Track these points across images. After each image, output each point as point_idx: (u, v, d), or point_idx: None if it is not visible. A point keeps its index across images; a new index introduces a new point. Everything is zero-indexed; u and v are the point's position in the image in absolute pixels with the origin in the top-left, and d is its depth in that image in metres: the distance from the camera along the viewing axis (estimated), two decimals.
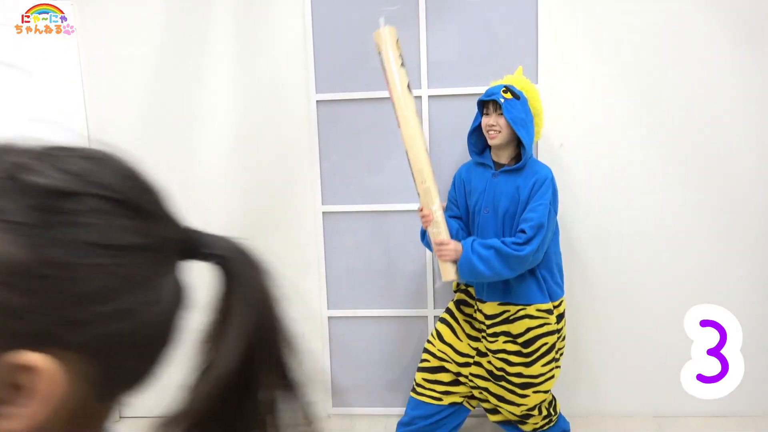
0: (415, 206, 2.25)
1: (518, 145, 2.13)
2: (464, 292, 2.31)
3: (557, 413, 2.31)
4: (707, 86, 2.43)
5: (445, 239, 2.04)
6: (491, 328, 2.16)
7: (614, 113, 2.48)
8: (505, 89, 2.06)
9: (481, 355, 2.24)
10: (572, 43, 2.46)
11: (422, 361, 2.33)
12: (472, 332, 2.27)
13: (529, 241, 1.99)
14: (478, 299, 2.21)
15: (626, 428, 2.57)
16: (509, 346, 2.12)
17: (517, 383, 2.13)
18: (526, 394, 2.14)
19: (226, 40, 2.61)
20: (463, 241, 2.06)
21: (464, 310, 2.31)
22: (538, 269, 2.11)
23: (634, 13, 2.42)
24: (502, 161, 2.17)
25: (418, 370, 2.33)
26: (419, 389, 2.30)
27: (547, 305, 2.12)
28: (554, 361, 2.15)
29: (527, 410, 2.19)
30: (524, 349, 2.10)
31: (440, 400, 2.28)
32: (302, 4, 2.53)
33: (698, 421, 2.57)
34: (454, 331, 2.29)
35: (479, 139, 2.20)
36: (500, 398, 2.20)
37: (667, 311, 2.50)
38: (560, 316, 2.18)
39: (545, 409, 2.24)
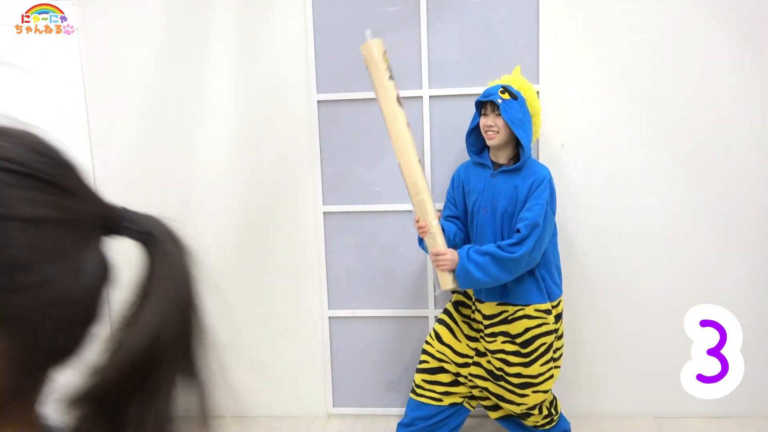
0: None
1: (517, 145, 2.13)
2: (462, 293, 2.31)
3: (558, 413, 2.31)
4: (707, 86, 2.43)
5: (441, 249, 2.04)
6: (489, 328, 2.16)
7: (614, 113, 2.48)
8: (502, 89, 2.06)
9: (480, 355, 2.24)
10: (573, 43, 2.46)
11: (421, 362, 2.33)
12: (470, 333, 2.27)
13: (523, 240, 1.99)
14: (476, 299, 2.21)
15: (626, 429, 2.57)
16: (508, 346, 2.13)
17: (516, 383, 2.14)
18: (525, 393, 2.14)
19: (226, 40, 2.61)
20: (459, 249, 2.06)
21: (462, 311, 2.31)
22: (536, 269, 2.11)
23: (634, 13, 2.42)
24: (500, 161, 2.16)
25: (417, 371, 2.33)
26: (419, 390, 2.30)
27: (545, 305, 2.12)
28: (553, 360, 2.15)
29: (527, 409, 2.20)
30: (522, 349, 2.11)
31: (440, 401, 2.28)
32: (303, 4, 2.53)
33: (698, 421, 2.57)
34: (452, 331, 2.29)
35: (478, 139, 2.19)
36: (500, 398, 2.21)
37: (667, 312, 2.50)
38: (558, 316, 2.18)
39: (546, 408, 2.24)
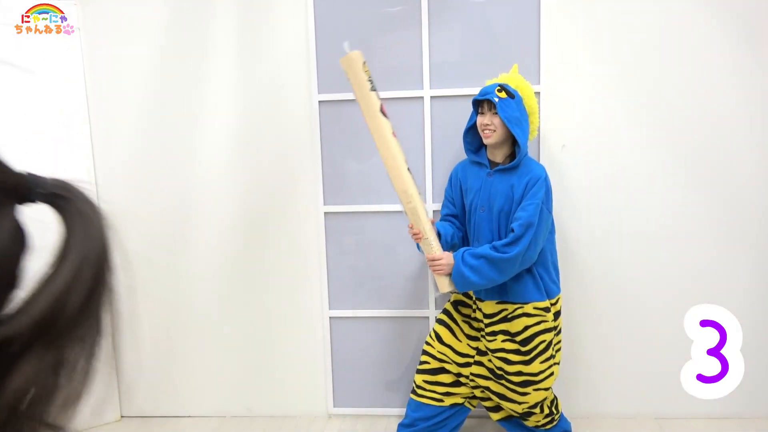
0: None
1: (513, 143, 2.14)
2: (462, 293, 2.31)
3: (559, 412, 2.31)
4: (707, 86, 2.44)
5: (437, 254, 2.05)
6: (489, 326, 2.16)
7: (615, 113, 2.48)
8: (499, 88, 2.06)
9: (481, 354, 2.25)
10: (573, 43, 2.46)
11: (422, 363, 2.33)
12: (471, 332, 2.27)
13: (517, 240, 2.00)
14: (477, 299, 2.21)
15: (627, 429, 2.57)
16: (507, 344, 2.13)
17: (516, 381, 2.14)
18: (526, 392, 2.14)
19: (227, 39, 2.61)
20: (454, 253, 2.07)
21: (462, 310, 2.31)
22: (534, 267, 2.11)
23: (634, 13, 2.43)
24: (497, 160, 2.17)
25: (417, 372, 2.33)
26: (420, 391, 2.30)
27: (544, 303, 2.12)
28: (552, 358, 2.16)
29: (529, 408, 2.20)
30: (522, 347, 2.11)
31: (441, 401, 2.28)
32: (304, 4, 2.53)
33: (699, 422, 2.57)
34: (452, 331, 2.29)
35: (475, 137, 2.20)
36: (502, 396, 2.21)
37: (667, 312, 2.50)
38: (557, 313, 2.19)
39: (547, 407, 2.24)
